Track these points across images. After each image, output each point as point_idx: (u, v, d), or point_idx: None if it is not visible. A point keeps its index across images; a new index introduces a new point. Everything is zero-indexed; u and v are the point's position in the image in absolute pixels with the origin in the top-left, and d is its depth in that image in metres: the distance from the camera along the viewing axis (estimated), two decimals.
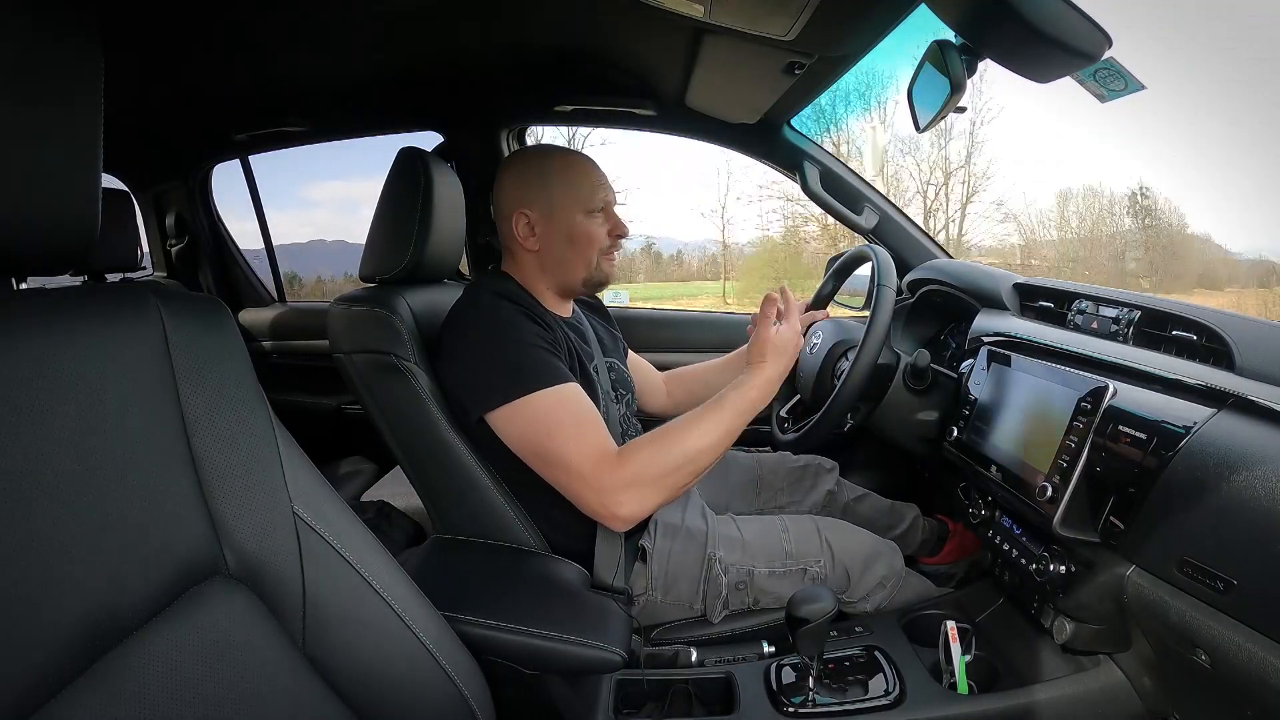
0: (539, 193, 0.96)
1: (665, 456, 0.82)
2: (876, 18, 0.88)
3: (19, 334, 0.40)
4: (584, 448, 0.82)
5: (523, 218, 0.97)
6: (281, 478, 0.51)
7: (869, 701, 0.82)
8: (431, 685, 0.60)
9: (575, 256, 0.98)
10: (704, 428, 0.84)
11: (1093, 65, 0.64)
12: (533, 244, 0.98)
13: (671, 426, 0.85)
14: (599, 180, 0.99)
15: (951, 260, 1.41)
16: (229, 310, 0.54)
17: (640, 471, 0.81)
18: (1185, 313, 0.82)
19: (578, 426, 0.84)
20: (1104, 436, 0.72)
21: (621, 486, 0.80)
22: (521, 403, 0.84)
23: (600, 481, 0.81)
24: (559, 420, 0.83)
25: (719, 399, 0.88)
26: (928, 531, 1.26)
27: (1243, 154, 11.86)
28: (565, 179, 0.97)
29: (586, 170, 0.99)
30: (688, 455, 0.83)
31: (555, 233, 0.97)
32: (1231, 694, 0.61)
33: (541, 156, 1.00)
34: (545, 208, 0.97)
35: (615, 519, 0.82)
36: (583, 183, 0.98)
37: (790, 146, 1.44)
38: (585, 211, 0.97)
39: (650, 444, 0.83)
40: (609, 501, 0.81)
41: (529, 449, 0.86)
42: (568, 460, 0.82)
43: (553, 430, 0.83)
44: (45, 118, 0.41)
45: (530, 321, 0.90)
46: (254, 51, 1.26)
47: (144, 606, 0.42)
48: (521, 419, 0.84)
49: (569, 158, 0.99)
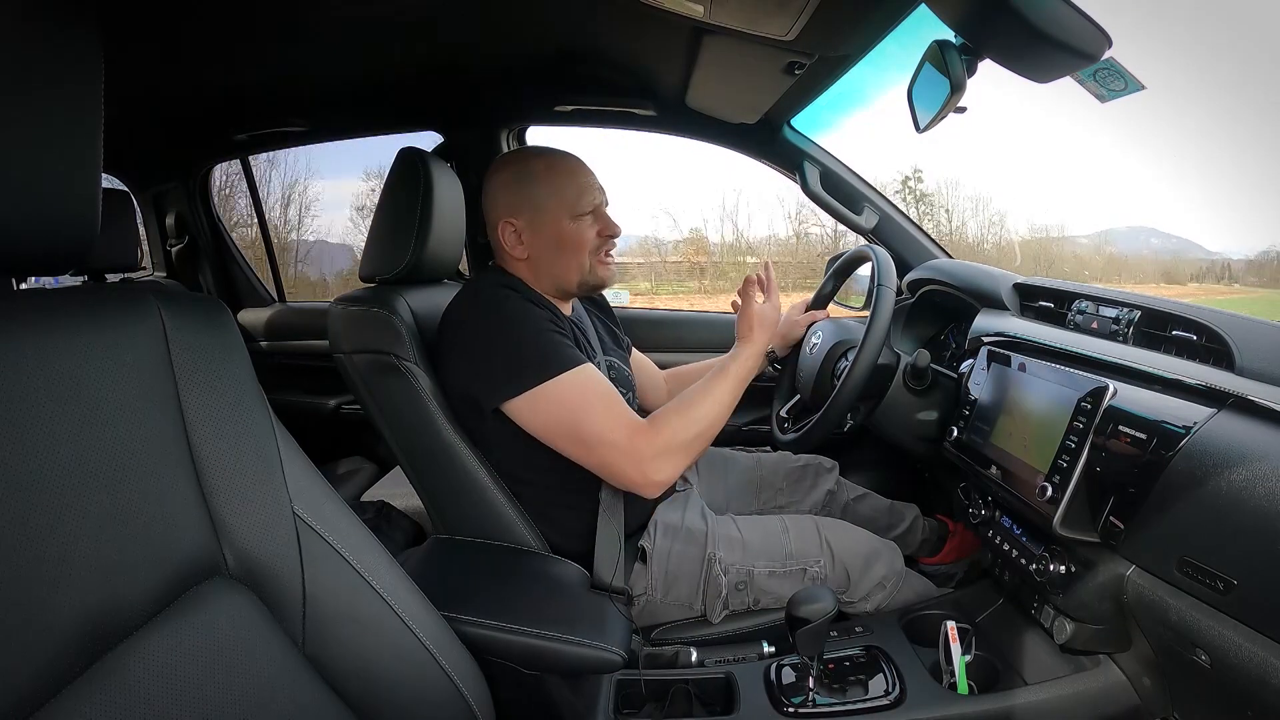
0: (523, 200, 0.95)
1: (691, 423, 0.89)
2: (876, 18, 0.88)
3: (19, 334, 0.40)
4: (619, 421, 0.86)
5: (509, 227, 0.96)
6: (281, 478, 0.51)
7: (869, 701, 0.82)
8: (431, 685, 0.60)
9: (566, 262, 0.97)
10: (715, 395, 0.92)
11: (1093, 65, 0.64)
12: (521, 252, 0.97)
13: (688, 397, 0.92)
14: (586, 182, 0.98)
15: (951, 260, 1.41)
16: (229, 310, 0.54)
17: (672, 439, 0.87)
18: (1185, 313, 0.82)
19: (606, 403, 0.86)
20: (1104, 436, 0.72)
21: (658, 453, 0.86)
22: (546, 387, 0.84)
23: (639, 452, 0.85)
24: (587, 400, 0.85)
25: (722, 370, 0.95)
26: (928, 531, 1.26)
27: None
28: (550, 184, 0.95)
29: (572, 173, 0.97)
30: (708, 420, 0.90)
31: (543, 240, 0.96)
32: (1231, 694, 0.61)
33: (524, 161, 0.98)
34: (531, 215, 0.95)
35: (652, 485, 0.87)
36: (568, 186, 0.96)
37: (790, 147, 1.44)
38: (572, 216, 0.95)
39: (675, 413, 0.89)
40: (649, 469, 0.85)
41: (561, 431, 0.86)
42: (605, 436, 0.85)
43: (585, 410, 0.85)
44: (45, 118, 0.41)
45: (537, 307, 0.90)
46: (254, 52, 1.26)
47: (144, 607, 0.42)
48: (548, 404, 0.85)
49: (553, 161, 0.98)
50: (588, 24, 1.14)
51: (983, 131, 12.55)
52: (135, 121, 1.64)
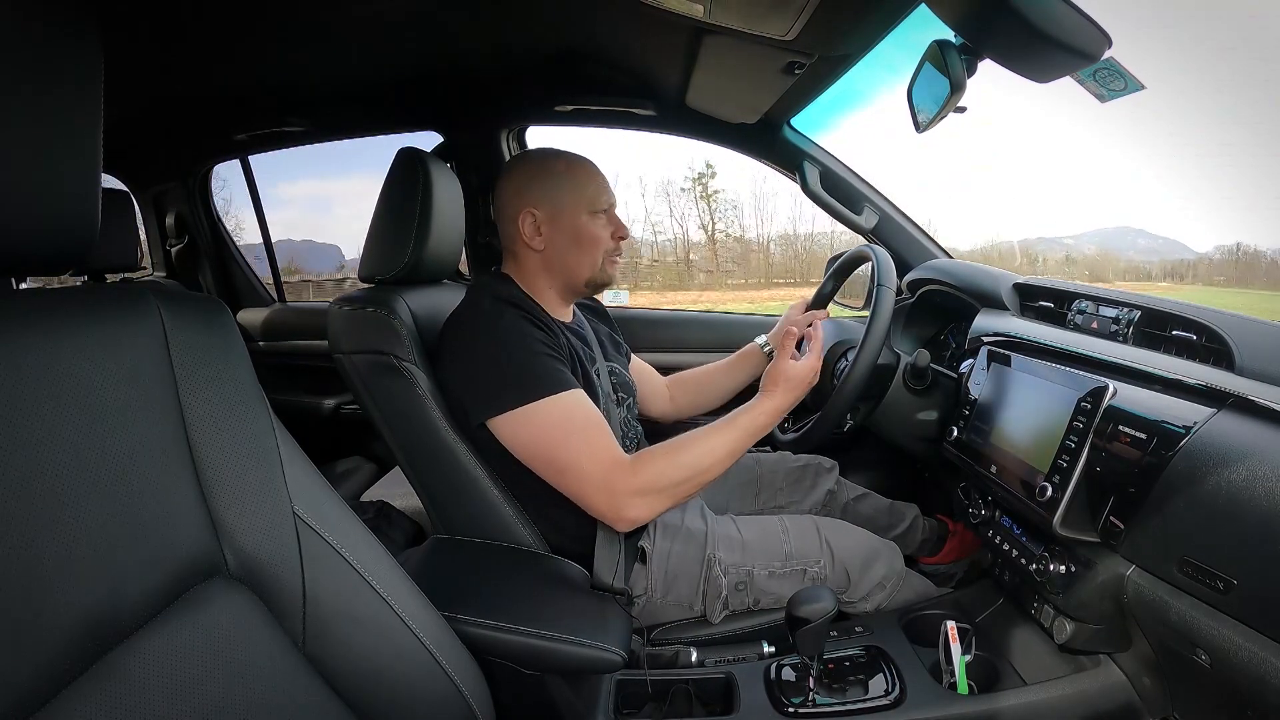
0: (546, 193, 0.98)
1: (676, 469, 0.85)
2: (876, 18, 0.88)
3: (19, 334, 0.40)
4: (596, 454, 0.84)
5: (529, 216, 0.97)
6: (281, 478, 0.51)
7: (869, 701, 0.82)
8: (431, 685, 0.60)
9: (581, 257, 0.99)
10: (712, 444, 0.87)
11: (1093, 65, 0.64)
12: (539, 243, 0.98)
13: (683, 440, 0.88)
14: (603, 183, 1.01)
15: (951, 260, 1.41)
16: (229, 310, 0.54)
17: (653, 481, 0.84)
18: (1185, 313, 0.82)
19: (586, 434, 0.85)
20: (1104, 436, 0.72)
21: (634, 492, 0.84)
22: (528, 410, 0.84)
23: (613, 487, 0.83)
24: (568, 429, 0.85)
25: (730, 420, 0.90)
26: (928, 531, 1.26)
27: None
28: (572, 179, 0.98)
29: (591, 172, 1.01)
30: (697, 469, 0.86)
31: (561, 232, 0.98)
32: (1231, 694, 0.61)
33: (546, 158, 1.01)
34: (552, 207, 0.98)
35: (623, 521, 0.85)
36: (588, 184, 0.99)
37: (790, 146, 1.44)
38: (590, 212, 0.98)
39: (663, 456, 0.86)
40: (620, 505, 0.84)
41: (537, 455, 0.86)
42: (580, 467, 0.84)
43: (563, 438, 0.84)
44: (45, 118, 0.41)
45: (534, 327, 0.90)
46: (254, 51, 1.26)
47: (144, 607, 0.42)
48: (530, 426, 0.85)
49: (574, 160, 1.01)
50: (588, 24, 1.14)
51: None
52: (135, 121, 1.64)
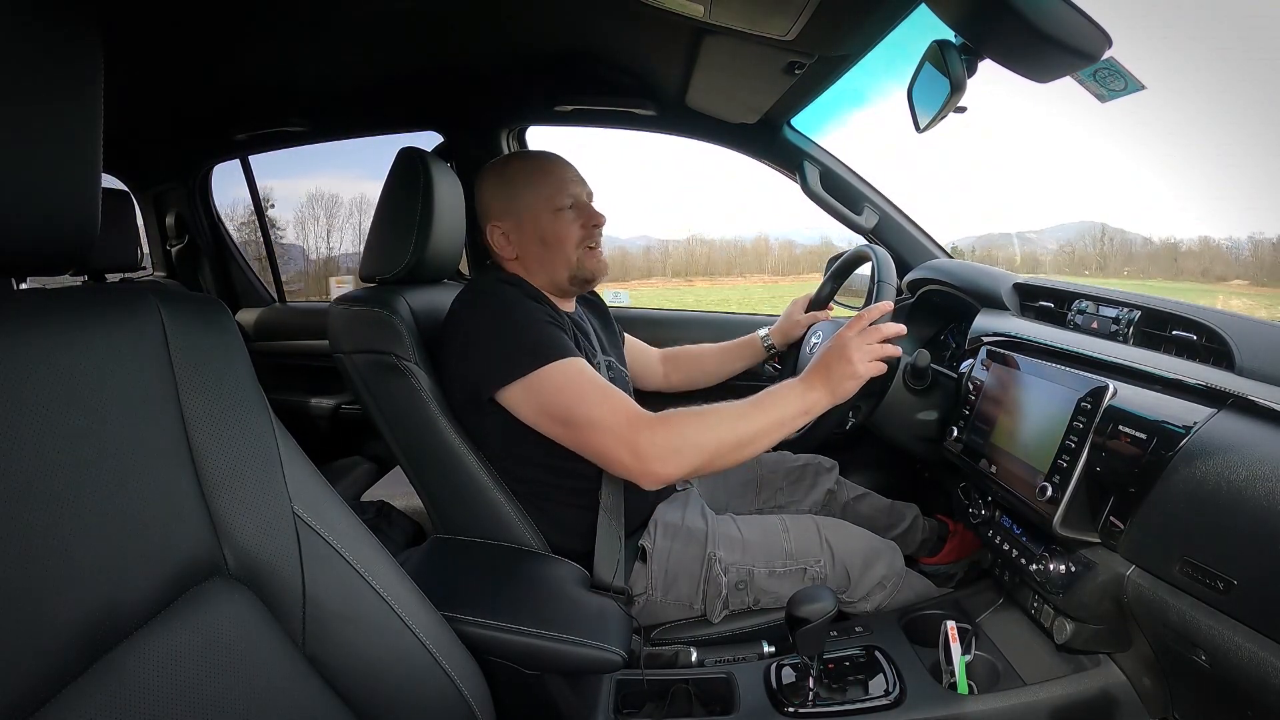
0: (504, 203, 0.99)
1: (705, 428, 0.83)
2: (876, 18, 0.88)
3: (19, 334, 0.40)
4: (615, 408, 0.84)
5: (496, 230, 0.99)
6: (281, 478, 0.51)
7: (869, 701, 0.82)
8: (431, 685, 0.60)
9: (552, 257, 1.00)
10: (745, 411, 0.86)
11: (1093, 65, 0.64)
12: (510, 253, 1.00)
13: (718, 407, 0.87)
14: (565, 176, 1.00)
15: (951, 260, 1.41)
16: (229, 310, 0.54)
17: (678, 435, 0.82)
18: (1185, 313, 0.82)
19: (601, 390, 0.86)
20: (1104, 436, 0.72)
21: (659, 446, 0.81)
22: (541, 374, 0.85)
23: (637, 440, 0.82)
24: (581, 386, 0.85)
25: (776, 391, 0.88)
26: (928, 531, 1.26)
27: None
28: (529, 182, 0.99)
29: (550, 169, 1.00)
30: (725, 430, 0.84)
31: (528, 238, 0.99)
32: (1231, 694, 0.60)
33: (504, 165, 1.02)
34: (514, 215, 0.99)
35: (649, 476, 0.83)
36: (545, 182, 0.99)
37: (790, 146, 1.44)
38: (553, 210, 0.98)
39: (695, 414, 0.85)
40: (646, 458, 0.81)
41: (555, 417, 0.86)
42: (602, 421, 0.83)
43: (579, 395, 0.84)
44: (45, 118, 0.41)
45: (535, 303, 0.92)
46: (254, 52, 1.26)
47: (144, 606, 0.42)
48: (542, 390, 0.85)
49: (531, 160, 1.01)
50: (588, 24, 1.14)
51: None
52: (135, 121, 1.65)
